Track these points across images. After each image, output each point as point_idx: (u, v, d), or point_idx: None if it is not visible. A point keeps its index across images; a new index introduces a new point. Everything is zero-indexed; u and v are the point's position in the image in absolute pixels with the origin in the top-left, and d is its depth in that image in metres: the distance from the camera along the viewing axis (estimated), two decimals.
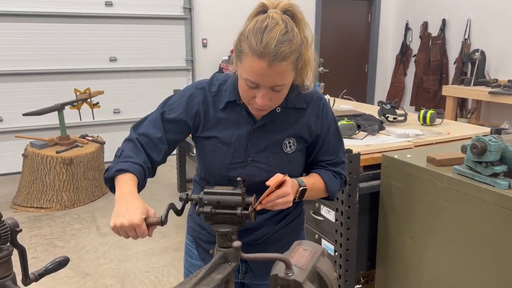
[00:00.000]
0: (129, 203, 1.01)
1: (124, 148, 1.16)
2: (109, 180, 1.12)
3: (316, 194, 1.24)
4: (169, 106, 1.21)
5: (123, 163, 1.10)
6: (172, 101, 1.22)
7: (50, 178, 3.72)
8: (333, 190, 1.25)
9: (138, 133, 1.19)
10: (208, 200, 1.07)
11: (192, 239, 1.35)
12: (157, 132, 1.19)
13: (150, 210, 1.02)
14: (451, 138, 2.18)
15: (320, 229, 2.09)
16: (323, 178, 1.23)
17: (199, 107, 1.19)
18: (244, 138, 1.18)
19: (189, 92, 1.21)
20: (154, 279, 2.70)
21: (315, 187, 1.21)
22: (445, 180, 1.59)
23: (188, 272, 1.35)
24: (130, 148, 1.16)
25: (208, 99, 1.20)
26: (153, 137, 1.18)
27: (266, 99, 1.07)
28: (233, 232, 1.08)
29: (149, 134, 1.18)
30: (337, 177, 1.27)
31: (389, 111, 2.47)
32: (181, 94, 1.23)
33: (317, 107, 1.23)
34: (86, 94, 4.12)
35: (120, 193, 1.05)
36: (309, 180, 1.19)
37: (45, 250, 3.07)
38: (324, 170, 1.26)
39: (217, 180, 1.22)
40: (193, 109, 1.19)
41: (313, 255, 0.57)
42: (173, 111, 1.20)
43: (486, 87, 4.56)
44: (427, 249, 1.71)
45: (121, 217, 0.98)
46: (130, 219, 0.97)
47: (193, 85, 1.24)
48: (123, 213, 0.98)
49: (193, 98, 1.20)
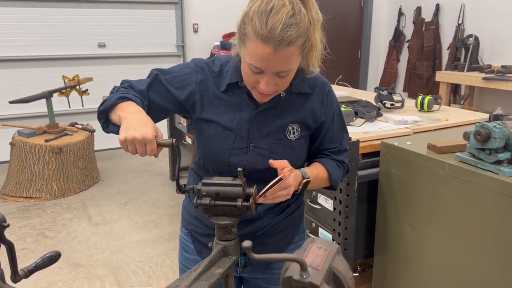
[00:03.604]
0: (140, 118, 0.97)
1: (119, 86, 1.12)
2: (104, 113, 1.07)
3: (318, 184, 1.19)
4: (166, 74, 1.15)
5: (124, 91, 1.07)
6: (169, 71, 1.16)
7: (39, 167, 3.64)
8: (336, 180, 1.21)
9: (127, 84, 1.14)
10: (207, 192, 1.02)
11: (187, 233, 1.30)
12: (141, 85, 1.14)
13: (159, 131, 0.98)
14: (450, 125, 2.15)
15: (317, 218, 2.05)
16: (326, 168, 1.19)
17: (195, 87, 1.14)
18: (246, 122, 1.13)
19: (188, 69, 1.15)
20: (147, 269, 2.66)
21: (318, 177, 1.17)
22: (447, 168, 1.56)
23: (184, 267, 1.31)
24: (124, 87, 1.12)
25: (209, 79, 1.14)
26: (136, 89, 1.13)
27: (271, 84, 1.02)
28: (233, 224, 1.03)
29: (132, 85, 1.14)
30: (340, 167, 1.22)
31: (386, 97, 2.43)
32: (179, 68, 1.17)
33: (322, 93, 1.18)
34: (74, 81, 4.02)
35: (128, 112, 1.00)
36: (312, 171, 1.15)
37: (35, 241, 3.01)
38: (327, 159, 1.21)
39: (216, 167, 1.17)
40: (187, 88, 1.14)
41: (328, 253, 0.52)
42: (167, 81, 1.15)
43: (480, 73, 4.54)
44: (427, 237, 1.68)
45: (133, 130, 0.94)
46: (143, 133, 0.93)
47: (193, 61, 1.17)
48: (135, 127, 0.94)
49: (190, 76, 1.14)
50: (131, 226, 3.24)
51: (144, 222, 3.31)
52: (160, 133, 0.98)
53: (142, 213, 3.47)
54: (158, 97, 1.14)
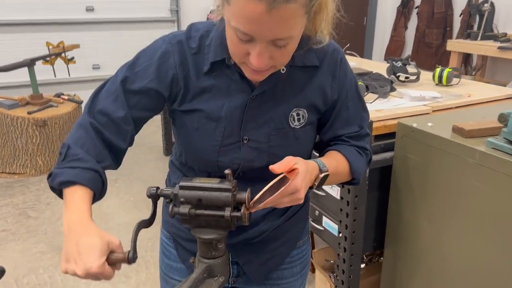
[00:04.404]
0: (81, 240, 0.72)
1: (71, 143, 0.84)
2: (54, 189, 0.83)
3: (338, 179, 0.95)
4: (134, 70, 0.89)
5: (69, 170, 0.80)
6: (139, 62, 0.89)
7: (22, 141, 3.40)
8: (359, 171, 0.96)
9: (94, 112, 0.88)
10: (185, 198, 0.78)
11: (169, 236, 1.08)
12: (119, 109, 0.87)
13: (112, 242, 0.74)
14: (473, 101, 1.90)
15: (321, 205, 1.83)
16: (346, 157, 0.94)
17: (176, 70, 0.87)
18: (238, 111, 0.88)
19: (161, 50, 0.88)
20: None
21: (338, 170, 0.92)
22: (477, 156, 1.32)
23: (166, 276, 1.09)
24: (80, 141, 0.84)
25: (188, 59, 0.88)
26: (114, 117, 0.87)
27: (265, 57, 0.76)
28: (219, 239, 0.80)
29: (108, 112, 0.87)
30: (362, 154, 0.98)
31: (400, 69, 2.16)
32: (150, 52, 0.89)
33: (333, 63, 0.92)
34: (59, 48, 3.74)
35: (68, 224, 0.75)
36: (330, 162, 0.90)
37: (17, 222, 2.81)
38: (345, 145, 0.97)
39: (203, 167, 0.93)
40: (168, 74, 0.88)
41: None
42: (139, 77, 0.88)
43: (494, 42, 4.24)
44: (449, 235, 1.46)
45: (74, 263, 0.71)
46: (84, 267, 0.70)
47: (164, 39, 0.90)
48: (75, 257, 0.71)
49: (167, 58, 0.88)
50: (120, 206, 3.04)
51: (135, 202, 3.11)
52: (114, 244, 0.74)
53: (133, 191, 3.27)
54: (142, 111, 0.89)
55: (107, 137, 0.87)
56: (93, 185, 0.81)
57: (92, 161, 0.83)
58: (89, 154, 0.84)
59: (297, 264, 1.07)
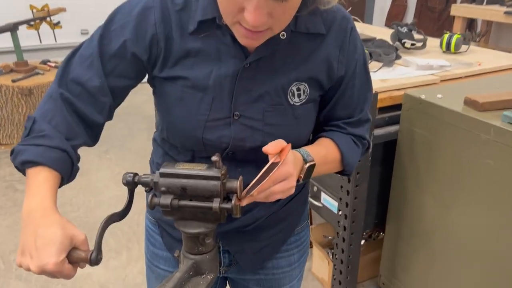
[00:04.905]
0: (39, 231, 0.62)
1: (37, 116, 0.73)
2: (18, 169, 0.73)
3: (326, 169, 0.84)
4: (110, 29, 0.76)
5: (33, 148, 0.69)
6: (116, 19, 0.76)
7: (8, 110, 3.26)
8: (352, 164, 0.86)
9: (67, 81, 0.76)
10: (167, 186, 0.67)
11: (154, 222, 0.97)
12: (94, 76, 0.75)
13: (75, 236, 0.64)
14: (484, 70, 1.77)
15: (319, 181, 1.74)
16: (338, 146, 0.83)
17: (156, 28, 0.74)
18: (229, 80, 0.75)
19: (141, 5, 0.74)
20: (127, 230, 2.39)
21: (327, 160, 0.82)
22: (492, 131, 1.21)
23: (151, 264, 1.00)
24: (49, 115, 0.73)
25: (171, 16, 0.74)
26: (89, 86, 0.75)
27: (262, 14, 0.63)
28: (207, 233, 0.70)
29: (81, 80, 0.75)
30: (358, 144, 0.87)
31: (406, 35, 2.02)
32: (128, 8, 0.76)
33: (342, 33, 0.79)
34: (44, 12, 3.53)
35: (28, 210, 0.65)
36: (318, 151, 0.79)
37: (4, 195, 2.71)
38: (339, 133, 0.85)
39: (187, 145, 0.81)
40: (147, 33, 0.74)
41: None
42: (115, 37, 0.75)
43: (501, 6, 4.07)
44: (457, 214, 1.37)
45: (28, 257, 0.61)
46: (40, 263, 0.60)
47: None
48: (31, 251, 0.61)
49: (147, 15, 0.74)
50: (111, 179, 2.93)
51: None
52: (79, 239, 0.64)
53: (124, 163, 3.16)
54: (120, 78, 0.77)
55: (81, 109, 0.76)
56: (60, 167, 0.71)
57: (60, 139, 0.72)
58: (58, 131, 0.73)
59: (295, 252, 0.98)
